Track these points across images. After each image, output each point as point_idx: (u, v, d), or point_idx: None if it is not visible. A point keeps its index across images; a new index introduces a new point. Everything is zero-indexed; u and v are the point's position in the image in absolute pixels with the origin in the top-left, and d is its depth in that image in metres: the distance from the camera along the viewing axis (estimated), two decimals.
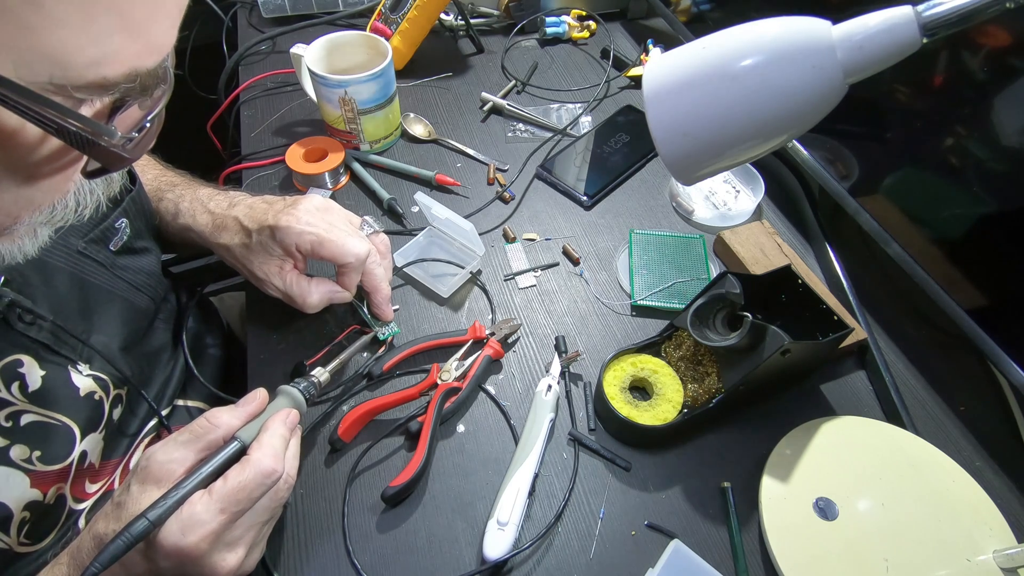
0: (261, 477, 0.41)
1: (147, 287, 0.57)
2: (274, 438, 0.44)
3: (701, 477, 0.55)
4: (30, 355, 0.44)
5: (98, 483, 0.52)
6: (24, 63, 0.22)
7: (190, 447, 0.43)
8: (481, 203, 0.77)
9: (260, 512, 0.43)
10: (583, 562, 0.50)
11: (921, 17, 0.35)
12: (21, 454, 0.44)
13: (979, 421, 0.60)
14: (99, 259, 0.52)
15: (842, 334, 0.54)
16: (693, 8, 0.91)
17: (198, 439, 0.43)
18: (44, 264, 0.47)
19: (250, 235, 0.57)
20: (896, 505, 0.51)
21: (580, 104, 0.91)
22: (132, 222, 0.56)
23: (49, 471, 0.46)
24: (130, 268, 0.55)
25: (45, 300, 0.46)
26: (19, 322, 0.44)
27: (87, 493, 0.51)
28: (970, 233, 0.55)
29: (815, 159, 0.69)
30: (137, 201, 0.57)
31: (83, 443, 0.48)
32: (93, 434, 0.49)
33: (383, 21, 0.90)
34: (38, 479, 0.45)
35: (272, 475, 0.42)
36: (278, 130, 0.86)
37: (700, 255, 0.71)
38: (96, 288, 0.51)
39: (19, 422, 0.43)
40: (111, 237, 0.53)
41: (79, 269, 0.50)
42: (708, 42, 0.40)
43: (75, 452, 0.47)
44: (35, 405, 0.45)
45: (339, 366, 0.55)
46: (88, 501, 0.51)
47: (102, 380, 0.50)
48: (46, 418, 0.45)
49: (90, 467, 0.50)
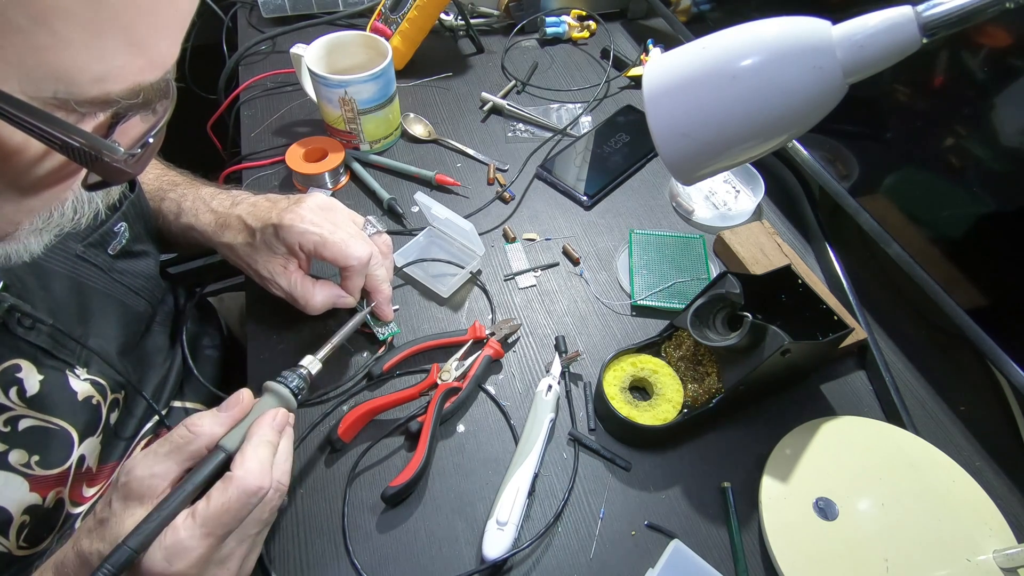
0: (245, 497, 0.38)
1: (144, 291, 0.57)
2: (259, 448, 0.41)
3: (701, 477, 0.55)
4: (28, 360, 0.44)
5: (95, 487, 0.52)
6: (30, 80, 0.23)
7: (172, 458, 0.40)
8: (481, 203, 0.77)
9: (250, 525, 0.40)
10: (583, 562, 0.50)
11: (921, 17, 0.35)
12: (20, 459, 0.43)
13: (979, 421, 0.60)
14: (97, 263, 0.52)
15: (842, 334, 0.54)
16: (693, 8, 0.91)
17: (179, 450, 0.40)
18: (42, 268, 0.47)
19: (254, 234, 0.57)
20: (896, 505, 0.51)
21: (580, 104, 0.91)
22: (131, 226, 0.56)
23: (48, 475, 0.45)
24: (128, 272, 0.55)
25: (43, 304, 0.46)
26: (19, 327, 0.44)
27: (84, 497, 0.51)
28: (970, 233, 0.55)
29: (815, 159, 0.69)
30: (136, 205, 0.57)
31: (81, 447, 0.48)
32: (91, 438, 0.49)
33: (383, 21, 0.90)
34: (37, 483, 0.45)
35: (257, 493, 0.39)
36: (278, 130, 0.86)
37: (700, 255, 0.71)
38: (94, 292, 0.51)
39: (17, 427, 0.43)
40: (110, 241, 0.53)
41: (77, 273, 0.50)
42: (708, 42, 0.40)
43: (73, 456, 0.47)
44: (33, 410, 0.44)
45: (330, 352, 0.51)
46: (85, 505, 0.51)
47: (99, 384, 0.50)
48: (44, 423, 0.45)
49: (88, 471, 0.50)
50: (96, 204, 0.32)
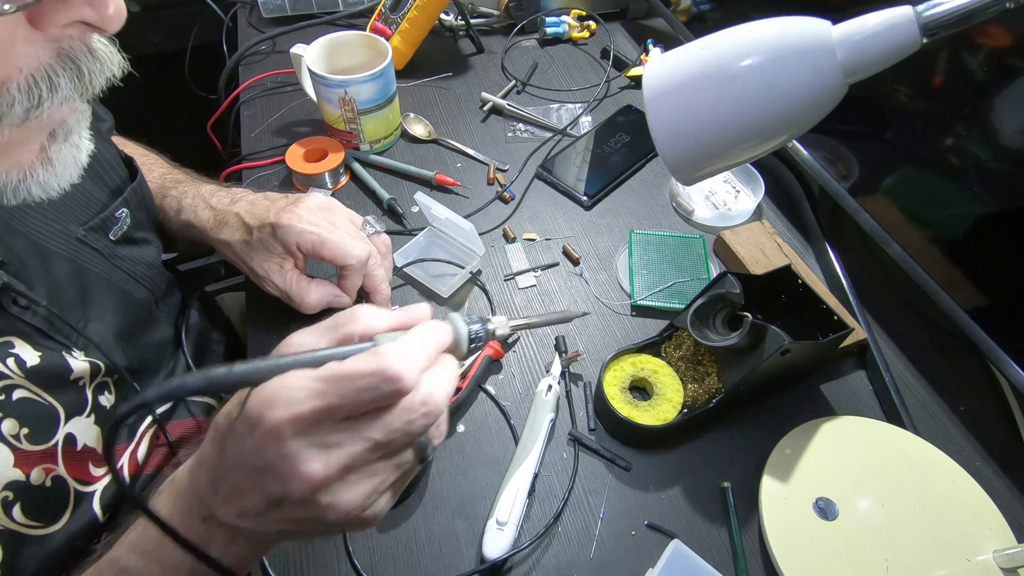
0: (379, 373, 0.31)
1: (145, 278, 0.58)
2: (413, 342, 0.33)
3: (701, 477, 0.55)
4: (23, 339, 0.44)
5: (104, 467, 0.51)
6: None
7: (325, 334, 0.35)
8: (481, 203, 0.77)
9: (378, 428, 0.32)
10: (583, 562, 0.50)
11: (921, 17, 0.35)
12: (11, 429, 0.43)
13: (979, 421, 0.60)
14: (98, 248, 0.52)
15: (842, 334, 0.54)
16: (693, 8, 0.91)
17: (334, 327, 0.35)
18: (43, 250, 0.47)
19: (251, 232, 0.57)
20: (896, 505, 0.51)
21: (580, 104, 0.91)
22: (133, 213, 0.56)
23: (33, 451, 0.44)
24: (129, 258, 0.56)
25: (43, 285, 0.46)
26: (13, 305, 0.43)
27: (94, 476, 0.50)
28: (970, 233, 0.55)
29: (815, 159, 0.69)
30: (138, 192, 0.57)
31: (68, 425, 0.47)
32: (79, 417, 0.48)
33: (383, 21, 0.90)
34: (22, 458, 0.43)
35: (393, 380, 0.31)
36: (278, 130, 0.86)
37: (700, 255, 0.71)
38: (94, 276, 0.51)
39: (11, 396, 0.43)
40: (111, 226, 0.53)
41: (78, 256, 0.50)
42: (708, 42, 0.40)
43: (59, 434, 0.46)
44: (30, 382, 0.44)
45: (523, 326, 0.42)
46: (98, 484, 0.50)
47: (95, 365, 0.50)
48: (37, 397, 0.45)
49: (88, 451, 0.49)
50: (63, 89, 0.32)
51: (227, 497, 0.33)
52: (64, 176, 0.38)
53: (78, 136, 0.38)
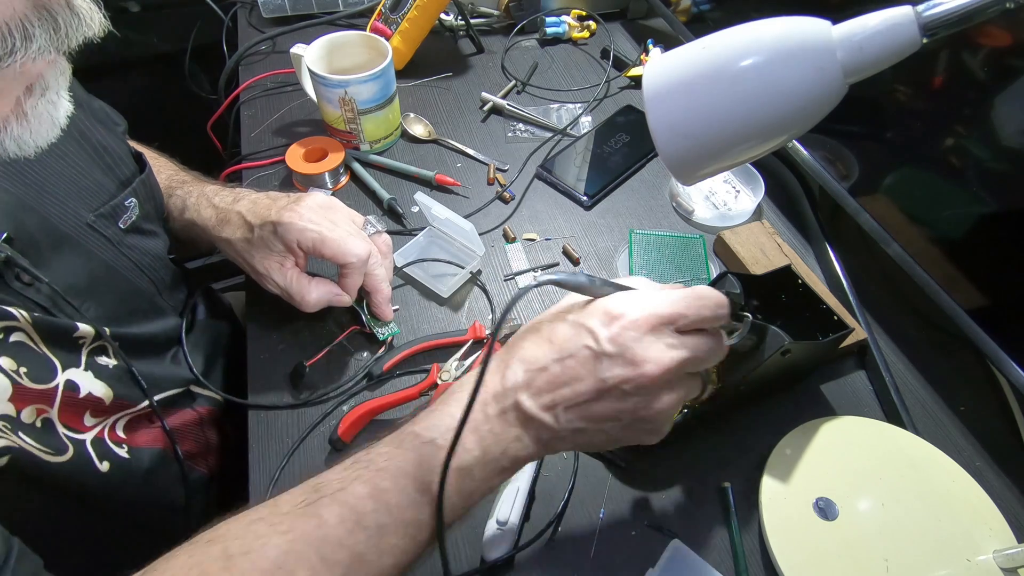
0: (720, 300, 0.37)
1: (150, 269, 0.58)
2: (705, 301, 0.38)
3: (701, 477, 0.55)
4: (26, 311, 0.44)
5: (99, 418, 0.51)
6: None
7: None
8: (481, 203, 0.77)
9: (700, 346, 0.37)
10: (583, 562, 0.50)
11: (921, 17, 0.35)
12: (9, 365, 0.43)
13: (979, 421, 0.60)
14: (107, 234, 0.53)
15: (842, 334, 0.54)
16: (693, 8, 0.91)
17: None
18: (55, 229, 0.48)
19: (252, 230, 0.57)
20: (896, 505, 0.51)
21: (580, 104, 0.90)
22: (141, 204, 0.57)
23: (32, 389, 0.44)
24: (137, 248, 0.57)
25: (49, 264, 0.47)
26: (16, 280, 0.44)
27: (86, 426, 0.50)
28: (970, 233, 0.55)
29: (815, 159, 0.69)
30: (147, 184, 0.59)
31: (66, 373, 0.47)
32: (75, 369, 0.48)
33: (383, 21, 0.90)
34: (19, 393, 0.43)
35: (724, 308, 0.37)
36: (278, 130, 0.86)
37: (700, 255, 0.71)
38: (99, 262, 0.52)
39: (8, 338, 0.43)
40: (120, 215, 0.55)
41: (86, 241, 0.51)
42: (708, 42, 0.40)
43: (58, 379, 0.46)
44: (34, 330, 0.44)
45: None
46: (87, 434, 0.50)
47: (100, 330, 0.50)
48: (33, 345, 0.45)
49: (93, 400, 0.49)
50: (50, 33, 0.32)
51: (542, 387, 0.36)
52: (40, 134, 0.37)
53: (55, 93, 0.38)
